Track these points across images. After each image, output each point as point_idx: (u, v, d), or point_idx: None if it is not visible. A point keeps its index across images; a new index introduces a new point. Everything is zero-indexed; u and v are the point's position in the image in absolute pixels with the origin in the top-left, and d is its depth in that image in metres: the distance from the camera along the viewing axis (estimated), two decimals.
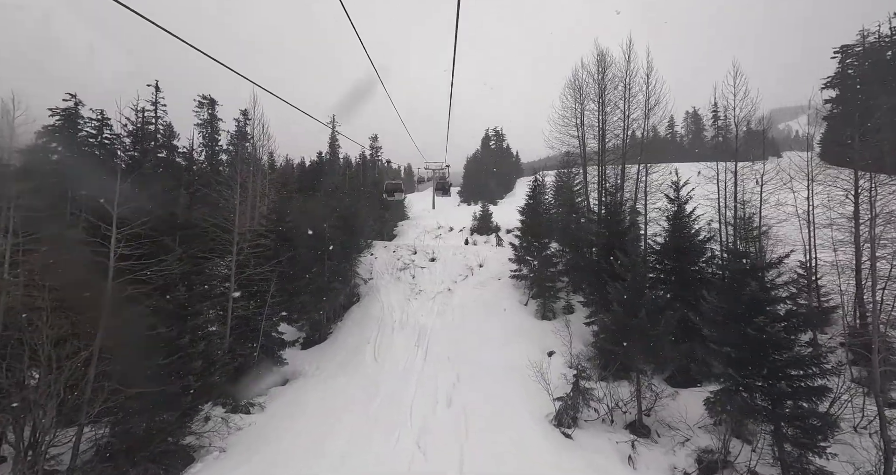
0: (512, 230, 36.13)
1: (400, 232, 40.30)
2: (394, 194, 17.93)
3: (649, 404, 12.75)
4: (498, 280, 25.05)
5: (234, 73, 4.59)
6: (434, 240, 35.50)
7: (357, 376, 17.22)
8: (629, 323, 12.39)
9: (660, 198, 18.50)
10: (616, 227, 17.09)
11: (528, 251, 23.43)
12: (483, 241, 34.56)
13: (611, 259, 16.64)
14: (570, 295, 21.35)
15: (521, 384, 14.91)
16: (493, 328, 20.23)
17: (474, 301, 23.08)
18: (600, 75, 22.25)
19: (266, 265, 16.29)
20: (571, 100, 24.23)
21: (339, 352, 20.14)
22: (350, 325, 22.80)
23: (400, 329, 21.42)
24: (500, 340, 19.17)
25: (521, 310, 21.83)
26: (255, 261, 16.27)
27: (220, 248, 15.95)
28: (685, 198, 16.10)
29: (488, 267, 26.78)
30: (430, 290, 25.09)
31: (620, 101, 20.69)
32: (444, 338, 20.01)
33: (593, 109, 23.30)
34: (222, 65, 4.31)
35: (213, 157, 41.88)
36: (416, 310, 23.13)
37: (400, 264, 28.94)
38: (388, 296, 25.25)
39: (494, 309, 22.00)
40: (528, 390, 14.29)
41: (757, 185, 17.39)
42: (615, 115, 21.51)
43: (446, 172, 42.57)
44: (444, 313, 22.37)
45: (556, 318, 20.72)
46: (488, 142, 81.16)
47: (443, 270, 27.29)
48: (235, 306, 15.64)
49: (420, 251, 30.41)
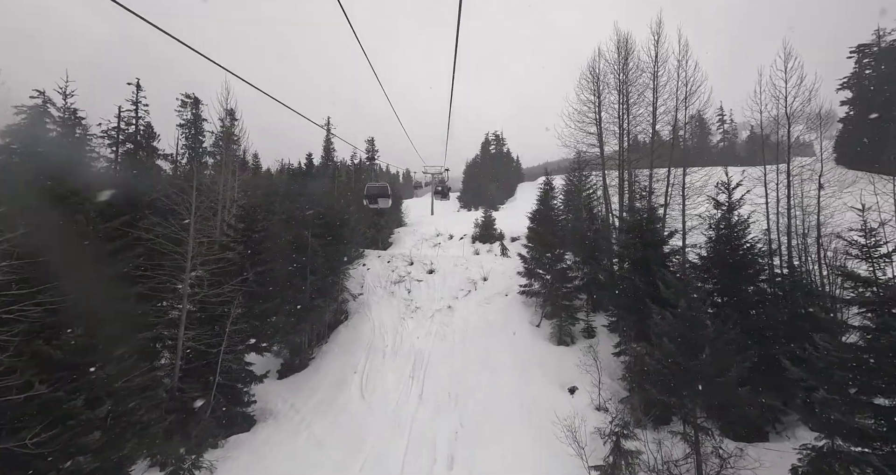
0: (517, 238, 33.25)
1: (396, 239, 37.37)
2: (377, 200, 13.35)
3: (712, 471, 9.75)
4: (505, 296, 22.09)
5: (226, 71, 4.50)
6: (432, 248, 32.57)
7: (339, 421, 14.18)
8: (687, 365, 9.44)
9: (698, 203, 15.67)
10: (651, 236, 14.22)
11: (540, 263, 20.52)
12: (486, 250, 31.62)
13: (645, 275, 13.79)
14: (589, 315, 18.37)
15: (539, 437, 11.89)
16: (502, 356, 17.23)
17: (478, 321, 20.09)
18: (621, 62, 19.56)
19: (227, 284, 13.32)
20: (588, 92, 21.53)
21: (320, 384, 17.10)
22: (335, 350, 19.78)
23: (392, 355, 18.41)
24: (510, 371, 16.17)
25: (534, 332, 18.84)
26: (214, 279, 13.32)
27: (168, 265, 12.98)
28: (736, 202, 13.22)
29: (493, 280, 23.83)
30: (427, 308, 22.10)
31: (648, 90, 17.95)
32: (443, 367, 17.00)
33: (613, 103, 20.59)
34: (214, 62, 4.02)
35: (196, 159, 39.25)
36: (412, 332, 20.13)
37: (394, 277, 25.98)
38: (381, 313, 22.27)
39: (502, 331, 19.01)
40: (550, 446, 11.26)
41: (818, 188, 14.56)
42: (640, 108, 18.76)
43: (445, 176, 39.93)
44: (443, 336, 19.37)
45: (576, 343, 17.73)
46: (488, 146, 78.73)
47: (442, 284, 24.33)
48: (188, 336, 12.65)
49: (417, 262, 27.46)
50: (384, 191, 13.63)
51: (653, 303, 11.62)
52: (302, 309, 18.95)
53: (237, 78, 4.58)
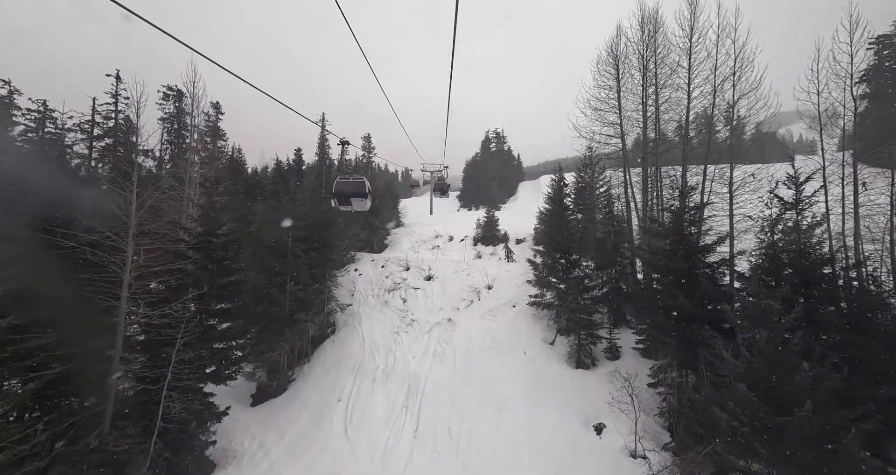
0: (523, 240, 30.71)
1: (393, 241, 34.77)
2: (349, 201, 10.04)
3: None
4: (512, 307, 19.52)
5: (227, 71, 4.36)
6: (431, 251, 29.99)
7: (316, 467, 11.62)
8: (776, 423, 6.88)
9: (743, 202, 13.10)
10: (695, 241, 11.65)
11: (553, 270, 17.95)
12: (489, 253, 29.02)
13: (691, 289, 11.23)
14: (613, 332, 15.79)
15: None
16: (512, 381, 14.67)
17: (483, 337, 17.53)
18: (647, 39, 16.98)
19: (174, 303, 10.71)
20: (608, 76, 18.98)
21: (297, 414, 14.56)
22: (319, 371, 17.22)
23: (384, 379, 15.85)
24: (522, 402, 13.62)
25: (547, 352, 16.27)
26: (160, 295, 10.73)
27: (100, 279, 10.38)
28: (806, 200, 10.63)
29: (499, 289, 21.27)
30: (424, 321, 19.54)
31: (681, 71, 15.33)
32: (442, 395, 14.44)
33: (635, 87, 18.02)
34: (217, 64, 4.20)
35: (179, 155, 36.75)
36: (407, 349, 17.57)
37: (388, 284, 23.42)
38: (372, 327, 19.71)
39: (511, 350, 16.45)
40: None
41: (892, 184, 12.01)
42: (669, 91, 16.18)
43: (445, 174, 37.40)
44: (442, 355, 16.80)
45: (598, 366, 15.16)
46: (488, 144, 76.20)
47: (441, 293, 21.77)
48: (125, 369, 10.09)
49: (414, 267, 24.91)
50: (360, 188, 9.98)
51: (700, 326, 9.06)
52: (280, 325, 16.40)
53: (240, 78, 4.54)
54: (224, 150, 43.44)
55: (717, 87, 14.61)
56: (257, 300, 16.45)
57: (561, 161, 51.04)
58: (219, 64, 4.23)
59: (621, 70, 18.62)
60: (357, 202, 10.30)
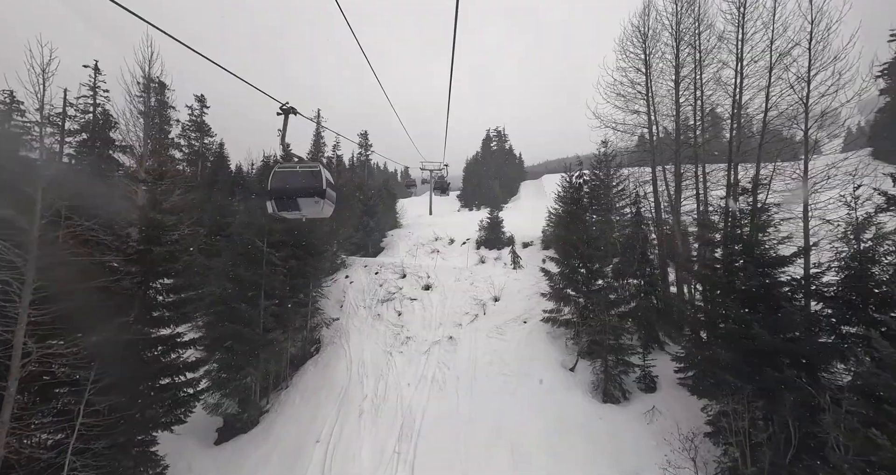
0: (530, 243, 28.11)
1: (389, 244, 32.20)
2: (295, 203, 6.78)
3: None
4: (523, 324, 16.94)
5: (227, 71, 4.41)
6: (430, 255, 27.41)
7: None
8: None
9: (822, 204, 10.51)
10: (766, 252, 9.08)
11: (571, 281, 15.40)
12: (493, 258, 26.41)
13: (767, 313, 8.68)
14: (646, 357, 13.15)
15: None
16: (526, 418, 12.09)
17: (490, 361, 14.94)
18: (681, 9, 14.42)
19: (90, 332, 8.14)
20: (633, 57, 16.43)
21: (266, 460, 12.00)
22: (297, 400, 14.66)
23: (372, 413, 13.27)
24: (540, 449, 11.02)
25: (567, 380, 13.68)
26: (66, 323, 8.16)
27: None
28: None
29: (507, 301, 18.68)
30: (422, 338, 16.97)
31: (729, 41, 12.72)
32: (442, 437, 11.85)
33: (666, 68, 15.47)
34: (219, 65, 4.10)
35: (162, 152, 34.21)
36: (401, 374, 15.00)
37: (382, 293, 20.85)
38: (361, 345, 17.14)
39: (523, 377, 13.87)
40: None
41: None
42: (716, 67, 13.60)
43: (445, 172, 34.87)
44: (442, 383, 14.22)
45: (631, 401, 12.57)
46: (489, 143, 73.78)
47: (441, 305, 19.19)
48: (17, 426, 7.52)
49: (410, 274, 22.33)
50: (311, 182, 6.72)
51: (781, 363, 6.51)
52: (251, 347, 13.84)
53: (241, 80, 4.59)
54: (210, 146, 40.97)
55: (774, 63, 12.00)
56: (222, 319, 13.92)
57: (560, 161, 48.37)
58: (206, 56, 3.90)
59: (650, 50, 16.10)
60: (308, 205, 6.82)
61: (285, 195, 6.78)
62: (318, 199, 6.80)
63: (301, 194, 6.77)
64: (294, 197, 6.75)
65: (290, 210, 6.92)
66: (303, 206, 6.86)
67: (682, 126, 15.72)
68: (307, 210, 6.95)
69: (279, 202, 6.82)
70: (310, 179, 6.88)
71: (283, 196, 6.78)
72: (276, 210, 6.93)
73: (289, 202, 6.79)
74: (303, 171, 7.01)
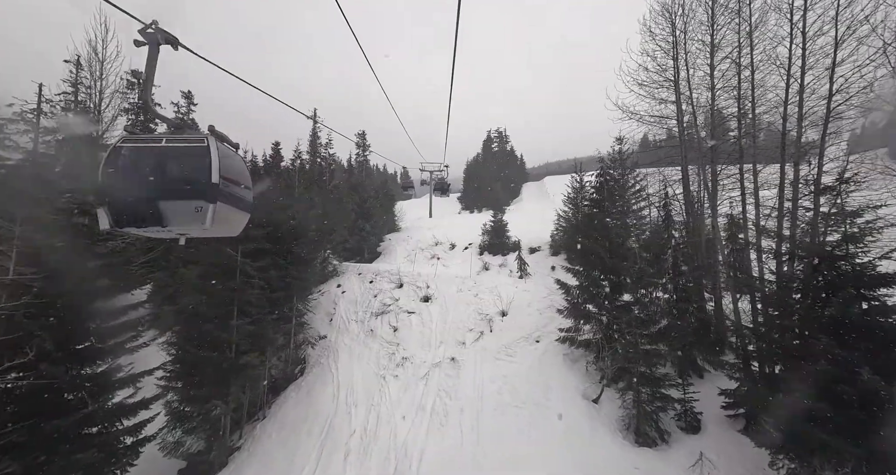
0: (538, 249, 26.05)
1: (386, 249, 30.15)
2: (155, 213, 3.34)
3: None
4: (535, 343, 14.86)
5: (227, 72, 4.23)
6: (429, 261, 25.35)
7: None
8: None
9: None
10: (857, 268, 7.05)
11: (592, 296, 13.33)
12: (498, 265, 24.33)
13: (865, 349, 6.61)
14: (686, 388, 11.06)
15: None
16: (545, 465, 10.00)
17: (499, 389, 12.85)
18: None
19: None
20: (661, 41, 14.43)
21: None
22: (274, 436, 12.57)
23: (360, 454, 11.18)
24: None
25: (591, 414, 11.58)
26: None
27: None
28: None
29: (516, 316, 16.60)
30: (420, 360, 14.88)
31: (786, 15, 10.69)
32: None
33: (703, 50, 13.46)
34: None
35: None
36: (395, 403, 12.92)
37: (376, 306, 18.78)
38: (351, 367, 15.08)
39: (539, 410, 11.77)
40: None
41: None
42: (764, 45, 11.57)
43: (446, 173, 32.91)
44: (444, 416, 12.13)
45: (671, 444, 10.47)
46: (490, 144, 72.10)
47: (442, 319, 17.11)
48: None
49: (408, 283, 20.26)
50: (190, 173, 3.48)
51: None
52: (220, 374, 11.78)
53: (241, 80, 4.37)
54: None
55: (841, 38, 9.98)
56: (184, 340, 11.87)
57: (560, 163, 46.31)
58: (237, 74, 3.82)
59: (680, 29, 14.11)
60: (181, 214, 3.52)
61: (134, 197, 3.50)
62: (201, 205, 3.49)
63: (167, 195, 3.52)
64: (153, 200, 3.47)
65: (144, 225, 3.53)
66: (171, 218, 3.51)
67: (718, 117, 13.75)
68: (181, 225, 3.57)
69: (121, 210, 3.51)
70: (186, 165, 3.60)
71: (130, 199, 3.50)
72: (113, 224, 3.49)
73: (142, 210, 3.49)
74: (174, 148, 3.62)
